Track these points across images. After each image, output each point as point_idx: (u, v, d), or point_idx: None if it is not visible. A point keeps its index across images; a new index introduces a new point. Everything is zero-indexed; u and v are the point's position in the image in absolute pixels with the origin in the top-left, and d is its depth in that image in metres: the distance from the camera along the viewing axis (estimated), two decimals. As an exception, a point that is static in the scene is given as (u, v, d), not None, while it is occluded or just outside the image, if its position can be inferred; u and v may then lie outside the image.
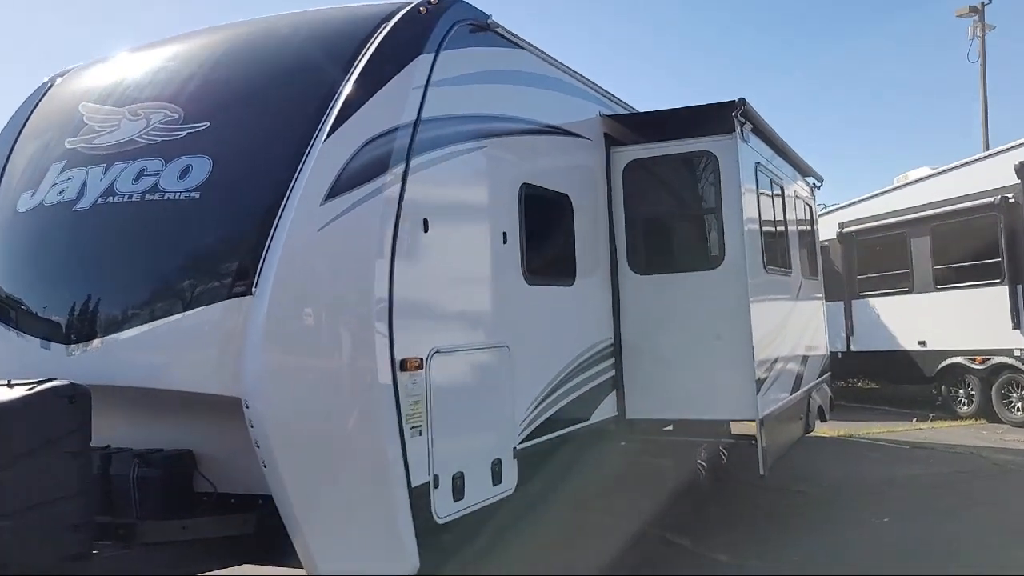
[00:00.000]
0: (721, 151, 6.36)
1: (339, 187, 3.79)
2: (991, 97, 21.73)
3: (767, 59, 53.44)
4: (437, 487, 4.07)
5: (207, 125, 4.18)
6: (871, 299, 14.05)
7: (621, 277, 6.50)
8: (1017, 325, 11.50)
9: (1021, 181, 11.41)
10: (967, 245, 12.27)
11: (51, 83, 5.26)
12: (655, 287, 6.46)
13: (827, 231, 14.00)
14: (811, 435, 9.25)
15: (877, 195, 14.47)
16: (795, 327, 8.20)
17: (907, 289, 13.28)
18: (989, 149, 16.98)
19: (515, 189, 5.11)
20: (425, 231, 4.15)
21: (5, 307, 4.42)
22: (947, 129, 47.53)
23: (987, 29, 21.65)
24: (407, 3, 4.49)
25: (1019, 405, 11.82)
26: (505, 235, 4.93)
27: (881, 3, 48.88)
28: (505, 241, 4.93)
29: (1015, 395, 11.85)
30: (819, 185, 10.34)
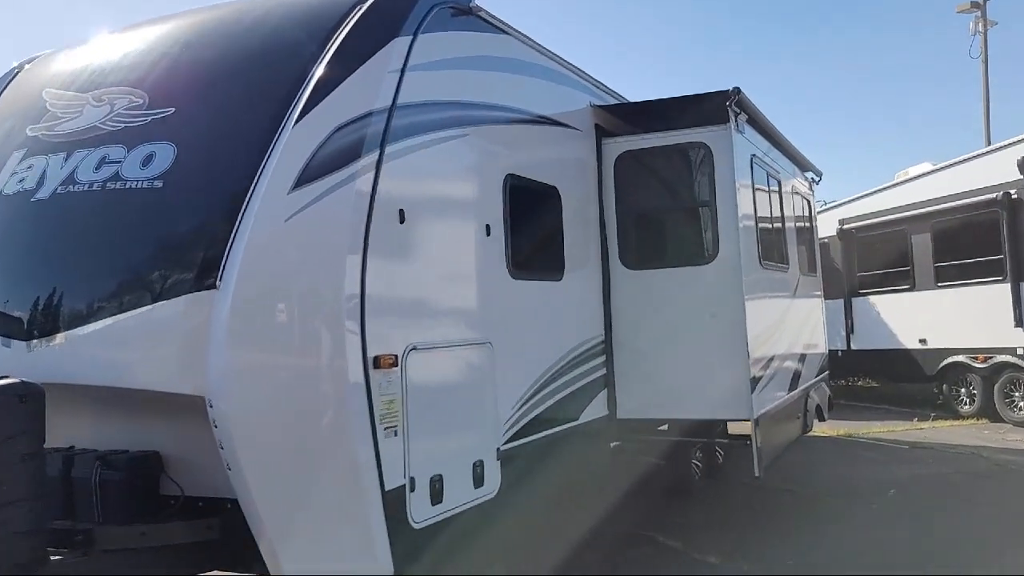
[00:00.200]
0: (715, 142, 6.19)
1: (308, 175, 3.62)
2: (993, 92, 21.52)
3: (767, 52, 53.25)
4: (413, 490, 3.90)
5: (172, 111, 4.00)
6: (871, 297, 13.89)
7: (612, 272, 6.33)
8: (1020, 323, 11.33)
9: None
10: (969, 242, 12.09)
11: (19, 69, 5.09)
12: (647, 282, 6.30)
13: (827, 228, 13.89)
14: (810, 435, 9.08)
15: (878, 191, 14.32)
16: (792, 324, 8.02)
17: (908, 287, 13.12)
18: (991, 145, 16.79)
19: (499, 180, 4.93)
20: (401, 222, 3.97)
21: None
22: (949, 125, 47.34)
23: (989, 24, 21.47)
24: None
25: (1021, 404, 11.65)
26: (488, 227, 4.75)
27: (881, -1, 48.64)
28: (488, 234, 4.75)
29: (1017, 394, 11.68)
30: (818, 180, 10.16)
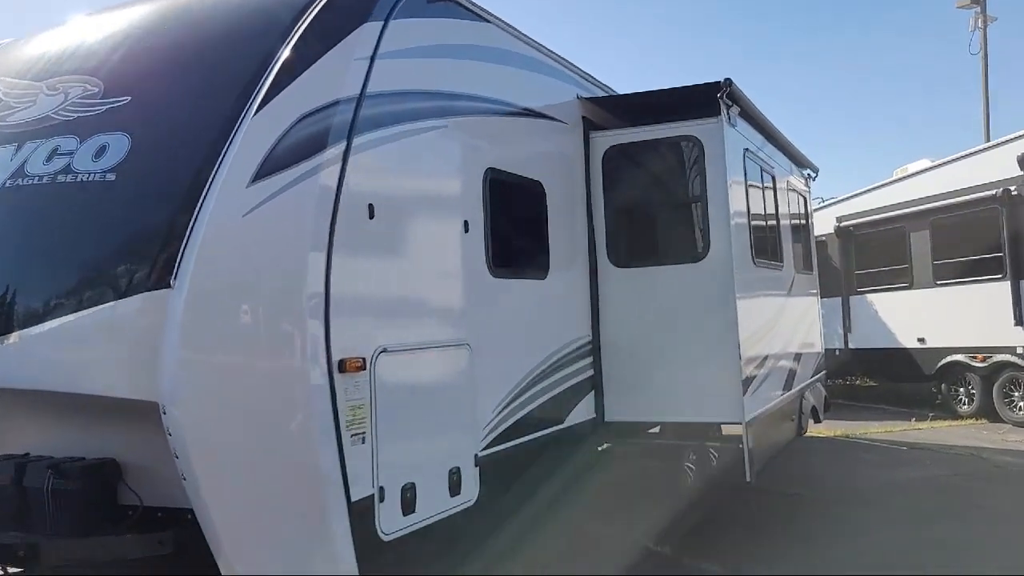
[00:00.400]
0: (706, 136, 5.98)
1: (268, 167, 3.41)
2: (992, 89, 21.29)
3: (764, 48, 52.73)
4: (383, 500, 3.69)
5: (127, 99, 3.79)
6: (869, 295, 13.70)
7: (600, 270, 6.13)
8: (1019, 322, 11.14)
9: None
10: (968, 239, 11.90)
11: (-23, 58, 4.87)
12: (636, 281, 6.09)
13: (824, 225, 13.71)
14: (807, 435, 8.88)
15: (876, 188, 14.12)
16: (787, 323, 7.82)
17: (906, 285, 12.93)
18: (990, 141, 16.60)
19: (479, 174, 4.73)
20: (370, 218, 3.76)
21: None
22: (948, 121, 46.86)
23: (988, 20, 21.26)
24: None
25: (1021, 404, 11.46)
26: (467, 223, 4.54)
27: (881, -6, 48.26)
28: (467, 230, 4.55)
29: (1017, 394, 11.49)
30: (814, 176, 9.96)
